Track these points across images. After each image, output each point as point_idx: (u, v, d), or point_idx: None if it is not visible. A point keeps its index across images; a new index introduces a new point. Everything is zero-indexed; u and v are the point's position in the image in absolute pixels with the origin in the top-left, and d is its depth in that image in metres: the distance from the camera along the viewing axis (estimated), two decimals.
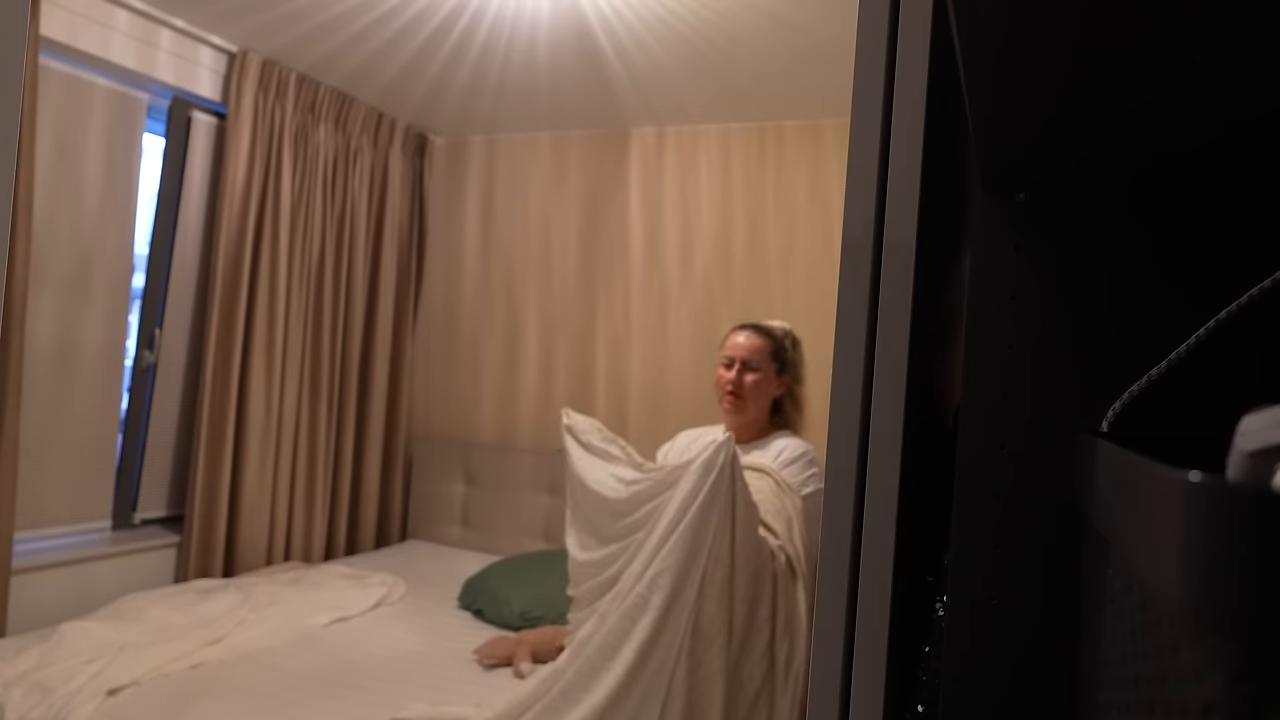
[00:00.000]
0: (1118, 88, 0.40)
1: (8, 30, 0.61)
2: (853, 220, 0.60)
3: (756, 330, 1.96)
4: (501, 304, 3.21)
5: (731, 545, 1.53)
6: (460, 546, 3.06)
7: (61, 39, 2.08)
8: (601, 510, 1.68)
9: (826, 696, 0.59)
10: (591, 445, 1.75)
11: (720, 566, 1.52)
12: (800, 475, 1.80)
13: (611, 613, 1.55)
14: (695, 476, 1.54)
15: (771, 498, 1.71)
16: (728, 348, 1.95)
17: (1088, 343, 0.57)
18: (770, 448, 1.88)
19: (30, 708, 1.61)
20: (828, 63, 2.24)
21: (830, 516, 0.60)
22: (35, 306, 2.10)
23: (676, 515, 1.54)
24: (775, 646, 1.58)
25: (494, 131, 3.24)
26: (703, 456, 1.54)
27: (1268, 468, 0.27)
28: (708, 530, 1.51)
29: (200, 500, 2.45)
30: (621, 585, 1.58)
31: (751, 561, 1.56)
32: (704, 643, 1.50)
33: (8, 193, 0.63)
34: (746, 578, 1.55)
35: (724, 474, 1.51)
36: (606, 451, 1.74)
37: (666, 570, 1.51)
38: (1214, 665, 0.24)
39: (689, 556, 1.50)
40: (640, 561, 1.56)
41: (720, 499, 1.51)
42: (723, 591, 1.52)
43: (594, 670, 1.53)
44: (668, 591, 1.50)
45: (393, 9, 2.17)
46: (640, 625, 1.51)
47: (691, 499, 1.53)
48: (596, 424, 1.81)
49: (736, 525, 1.53)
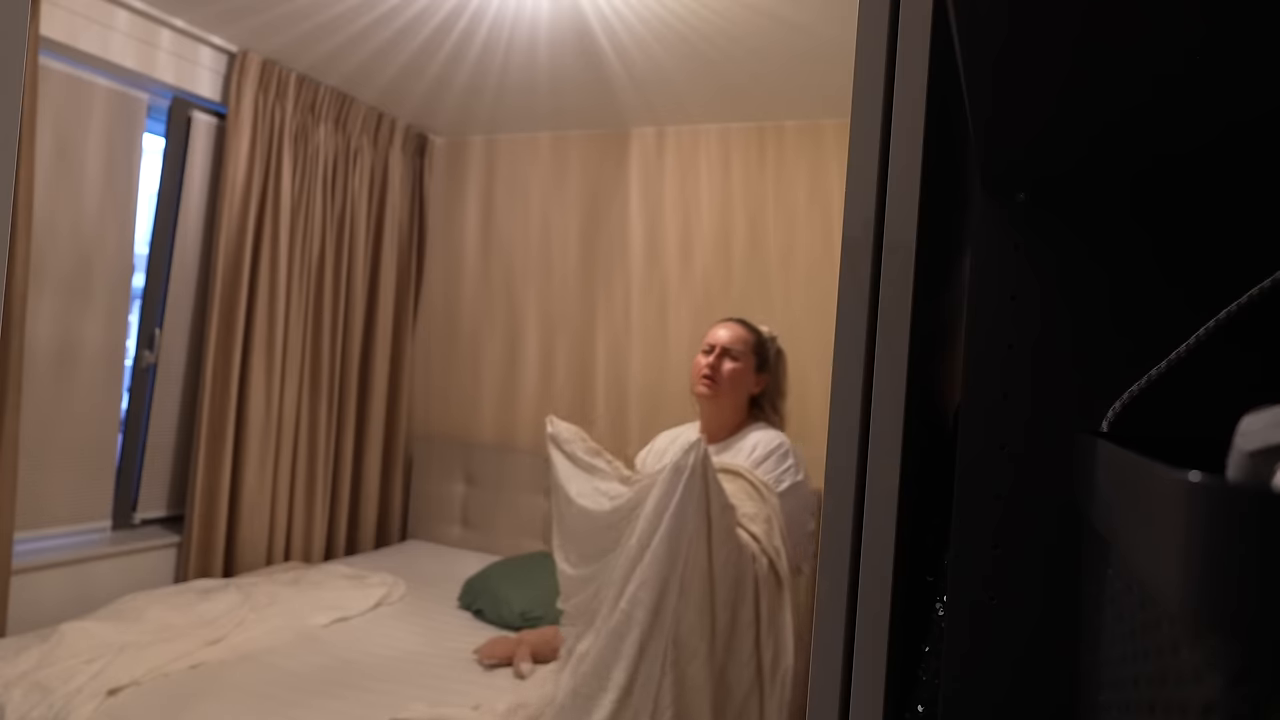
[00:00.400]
0: (1118, 88, 0.40)
1: (8, 30, 0.61)
2: (853, 220, 0.60)
3: (741, 324, 1.93)
4: (501, 304, 3.21)
5: (709, 551, 1.49)
6: (460, 546, 3.06)
7: (61, 39, 2.08)
8: (585, 525, 1.64)
9: (826, 696, 0.59)
10: (575, 456, 1.71)
11: (699, 574, 1.48)
12: (775, 470, 1.75)
13: (601, 630, 1.52)
14: (666, 482, 1.49)
15: (748, 500, 1.67)
16: (710, 336, 1.92)
17: (1088, 343, 0.57)
18: (744, 444, 1.83)
19: (30, 708, 1.61)
20: (828, 63, 2.24)
21: (830, 516, 0.60)
22: (35, 306, 2.10)
23: (651, 525, 1.50)
24: (761, 649, 1.55)
25: (494, 131, 3.24)
26: (672, 461, 1.50)
27: (1268, 468, 0.27)
28: (683, 538, 1.47)
29: (200, 500, 2.45)
30: (605, 602, 1.54)
31: (731, 566, 1.52)
32: (688, 653, 1.47)
33: (8, 193, 0.63)
34: (727, 583, 1.51)
35: (695, 476, 1.47)
36: (590, 464, 1.69)
37: (647, 584, 1.48)
38: (1214, 665, 0.24)
39: (668, 567, 1.47)
40: (620, 576, 1.52)
41: (693, 503, 1.47)
42: (703, 599, 1.48)
43: (592, 694, 1.49)
44: (650, 606, 1.46)
45: (393, 9, 2.17)
46: (627, 643, 1.47)
47: (664, 506, 1.48)
48: (580, 433, 1.76)
49: (713, 529, 1.49)
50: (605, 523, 1.61)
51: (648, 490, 1.54)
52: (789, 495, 1.72)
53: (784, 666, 1.56)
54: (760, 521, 1.63)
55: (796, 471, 1.77)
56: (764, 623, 1.55)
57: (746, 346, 1.89)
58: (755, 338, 1.91)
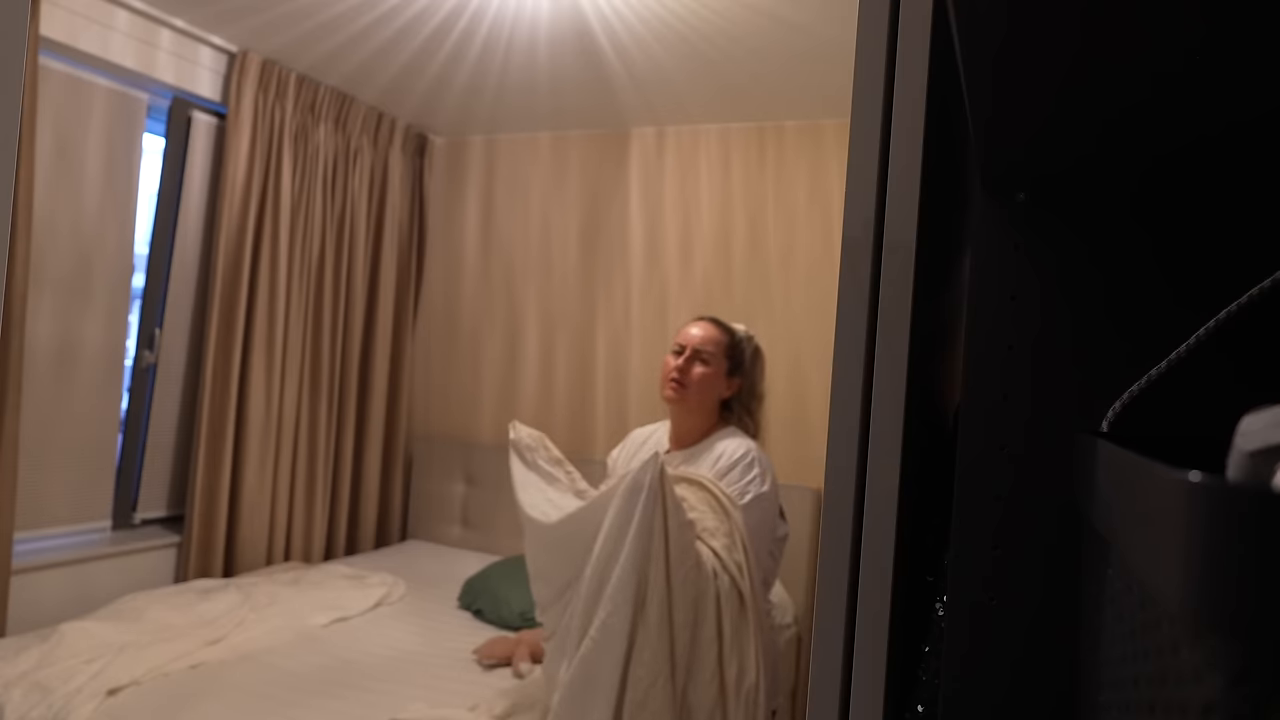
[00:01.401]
0: (1117, 87, 0.40)
1: (8, 30, 0.61)
2: (853, 220, 0.60)
3: (714, 323, 1.84)
4: (501, 304, 3.21)
5: (667, 573, 1.43)
6: (460, 546, 3.06)
7: (61, 39, 2.08)
8: (533, 536, 1.59)
9: (826, 696, 0.59)
10: (535, 464, 1.65)
11: (656, 597, 1.42)
12: (740, 481, 1.67)
13: (573, 658, 1.46)
14: (622, 501, 1.44)
15: (710, 514, 1.60)
16: (681, 335, 1.83)
17: (1088, 343, 0.57)
18: (710, 452, 1.76)
19: (30, 708, 1.61)
20: (828, 63, 2.24)
21: (830, 516, 0.60)
22: (35, 306, 2.10)
23: (611, 547, 1.44)
24: (724, 667, 1.48)
25: (494, 131, 3.24)
26: (629, 479, 1.44)
27: (1268, 468, 0.27)
28: (647, 562, 1.42)
29: (200, 500, 2.45)
30: (573, 628, 1.49)
31: (690, 585, 1.46)
32: (648, 677, 1.41)
33: (8, 193, 0.63)
34: (686, 603, 1.45)
35: (653, 495, 1.41)
36: (549, 473, 1.64)
37: (617, 611, 1.42)
38: (1214, 665, 0.24)
39: (637, 590, 1.42)
40: (585, 602, 1.46)
41: (654, 524, 1.42)
42: (660, 622, 1.42)
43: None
44: (623, 633, 1.41)
45: (393, 9, 2.17)
46: (605, 670, 1.42)
47: (624, 529, 1.43)
48: (544, 439, 1.71)
49: (670, 550, 1.44)
50: (552, 536, 1.55)
51: (601, 507, 1.49)
52: (753, 507, 1.65)
53: (748, 684, 1.49)
54: (721, 536, 1.57)
55: (762, 482, 1.69)
56: (726, 640, 1.49)
57: (719, 348, 1.80)
58: (729, 339, 1.82)
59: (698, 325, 1.84)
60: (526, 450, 1.68)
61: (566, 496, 1.61)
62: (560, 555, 1.55)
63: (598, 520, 1.48)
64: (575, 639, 1.48)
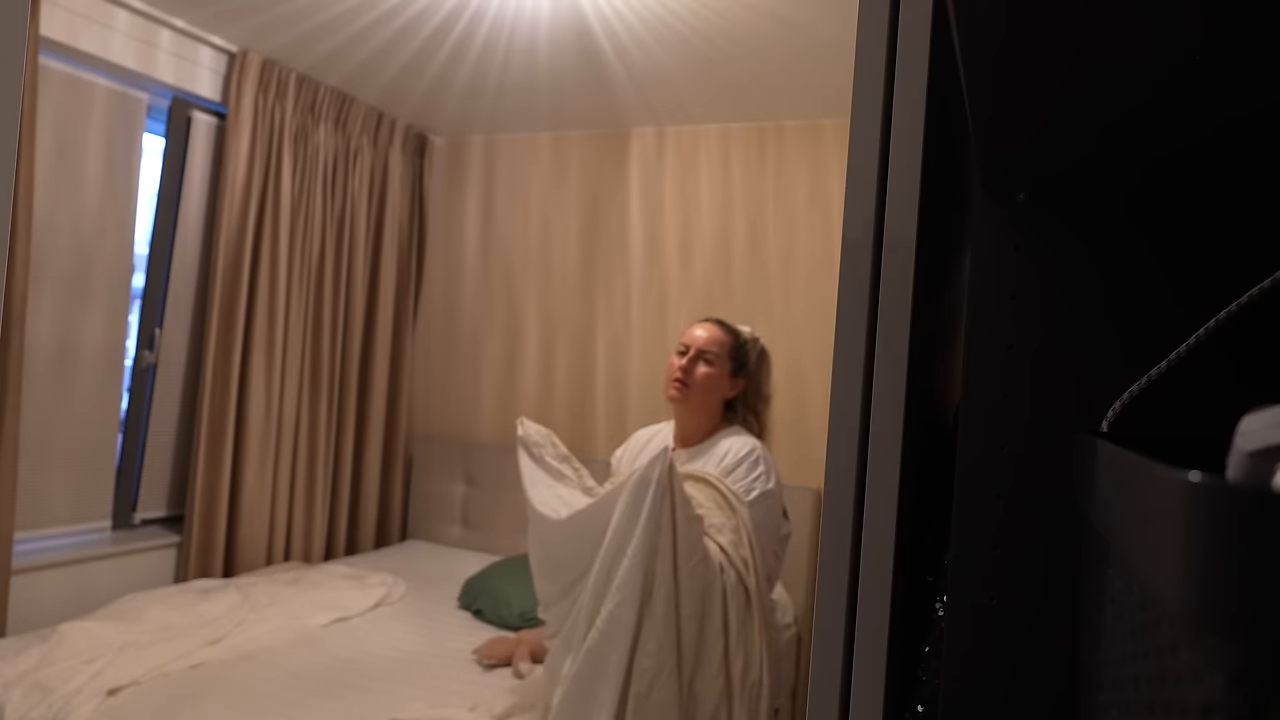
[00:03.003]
0: (1117, 87, 0.40)
1: (8, 30, 0.61)
2: (853, 221, 0.60)
3: (719, 325, 1.86)
4: (501, 304, 3.21)
5: (674, 566, 1.45)
6: (460, 546, 3.06)
7: (61, 39, 2.08)
8: (542, 532, 1.60)
9: (827, 696, 0.59)
10: (543, 460, 1.66)
11: (664, 589, 1.44)
12: (745, 479, 1.69)
13: (579, 651, 1.47)
14: (631, 496, 1.45)
15: (716, 510, 1.62)
16: (686, 336, 1.85)
17: (1088, 343, 0.57)
18: (715, 450, 1.78)
19: (30, 708, 1.61)
20: (828, 63, 2.24)
21: (830, 516, 0.60)
22: (35, 306, 2.10)
23: (620, 540, 1.45)
24: (730, 661, 1.50)
25: (494, 131, 3.24)
26: (638, 473, 1.45)
27: (1268, 468, 0.27)
28: (655, 556, 1.43)
29: (200, 500, 2.45)
30: (581, 622, 1.50)
31: (697, 579, 1.48)
32: (654, 669, 1.43)
33: (8, 193, 0.63)
34: (693, 597, 1.47)
35: (661, 489, 1.43)
36: (557, 470, 1.65)
37: (625, 603, 1.43)
38: (1214, 665, 0.24)
39: (644, 583, 1.43)
40: (593, 596, 1.48)
41: (663, 517, 1.43)
42: (667, 614, 1.44)
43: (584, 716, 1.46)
44: (629, 626, 1.43)
45: (393, 9, 2.17)
46: (610, 663, 1.43)
47: (633, 522, 1.44)
48: (552, 436, 1.72)
49: (678, 542, 1.45)
50: (562, 533, 1.56)
51: (610, 503, 1.50)
52: (759, 504, 1.67)
53: (753, 678, 1.51)
54: (728, 532, 1.59)
55: (767, 479, 1.71)
56: (732, 635, 1.51)
57: (723, 349, 1.82)
58: (733, 340, 1.84)
59: (703, 326, 1.87)
60: (534, 447, 1.69)
61: (575, 493, 1.61)
62: (569, 551, 1.56)
63: (607, 517, 1.50)
64: (582, 632, 1.49)
